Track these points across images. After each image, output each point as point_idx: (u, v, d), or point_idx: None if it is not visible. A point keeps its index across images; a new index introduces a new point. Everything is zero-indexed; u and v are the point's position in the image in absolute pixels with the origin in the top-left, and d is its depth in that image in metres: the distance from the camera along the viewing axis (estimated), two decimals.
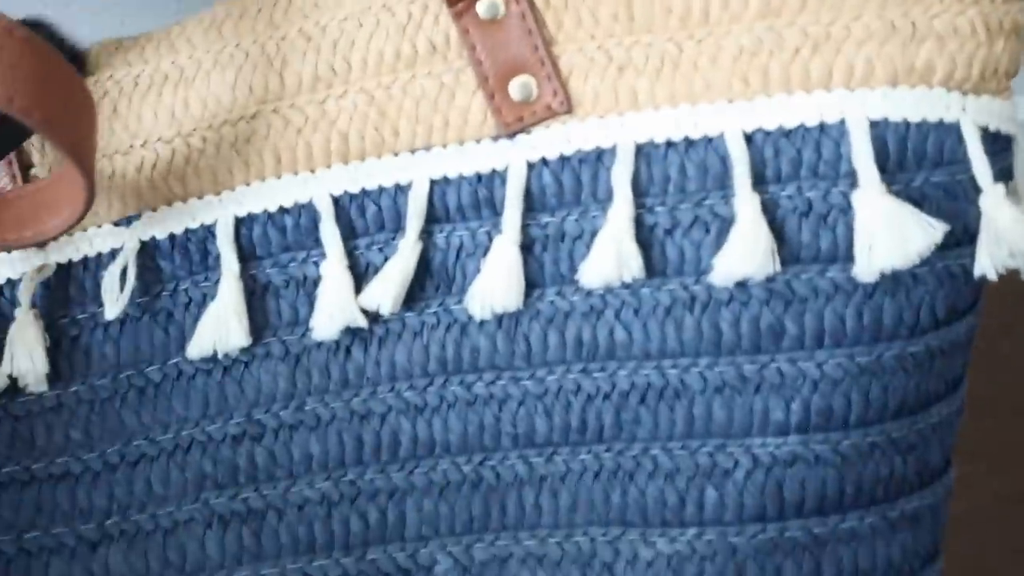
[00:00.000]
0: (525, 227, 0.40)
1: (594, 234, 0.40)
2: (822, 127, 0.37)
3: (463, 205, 0.40)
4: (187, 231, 0.42)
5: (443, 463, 0.42)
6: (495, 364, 0.41)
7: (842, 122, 0.37)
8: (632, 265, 0.39)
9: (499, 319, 0.41)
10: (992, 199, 0.37)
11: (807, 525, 0.39)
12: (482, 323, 0.41)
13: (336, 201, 0.41)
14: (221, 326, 0.42)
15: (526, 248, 0.40)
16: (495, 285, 0.40)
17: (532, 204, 0.40)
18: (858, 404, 0.38)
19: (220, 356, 0.42)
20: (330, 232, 0.41)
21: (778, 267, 0.38)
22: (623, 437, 0.40)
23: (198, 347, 0.42)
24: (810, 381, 0.38)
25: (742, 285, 0.38)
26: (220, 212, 0.42)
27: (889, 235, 0.36)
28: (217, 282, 0.42)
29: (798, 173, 0.38)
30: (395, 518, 0.42)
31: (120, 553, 0.43)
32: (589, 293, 0.40)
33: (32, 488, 0.43)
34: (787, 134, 0.38)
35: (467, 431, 0.41)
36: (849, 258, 0.37)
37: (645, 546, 0.41)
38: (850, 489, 0.39)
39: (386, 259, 0.41)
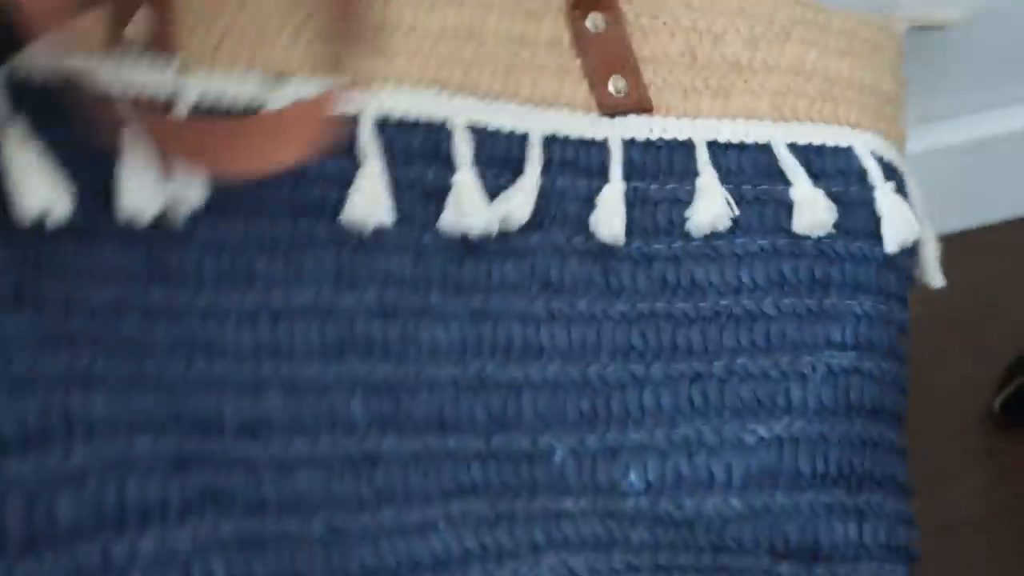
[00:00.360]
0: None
1: (672, 200, 0.48)
2: (835, 148, 0.51)
3: (567, 160, 0.47)
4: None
5: (552, 366, 0.44)
6: (591, 290, 0.46)
7: (849, 147, 0.51)
8: (725, 215, 0.48)
9: (594, 255, 0.46)
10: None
11: (869, 426, 0.47)
12: (580, 256, 0.46)
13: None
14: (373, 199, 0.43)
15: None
16: (610, 217, 0.46)
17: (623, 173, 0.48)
18: (887, 338, 0.48)
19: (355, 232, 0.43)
20: (463, 144, 0.45)
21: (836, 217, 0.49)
22: (710, 351, 0.46)
23: (348, 213, 0.43)
24: (855, 315, 0.48)
25: (796, 241, 0.48)
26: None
27: (900, 219, 0.50)
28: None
29: (825, 172, 0.50)
30: (514, 410, 0.43)
31: (279, 398, 0.40)
32: (670, 245, 0.47)
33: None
34: (815, 149, 0.51)
35: (571, 341, 0.45)
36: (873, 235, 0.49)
37: (747, 433, 0.45)
38: (890, 403, 0.48)
39: (500, 188, 0.46)
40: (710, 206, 0.48)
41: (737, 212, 0.48)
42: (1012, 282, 0.75)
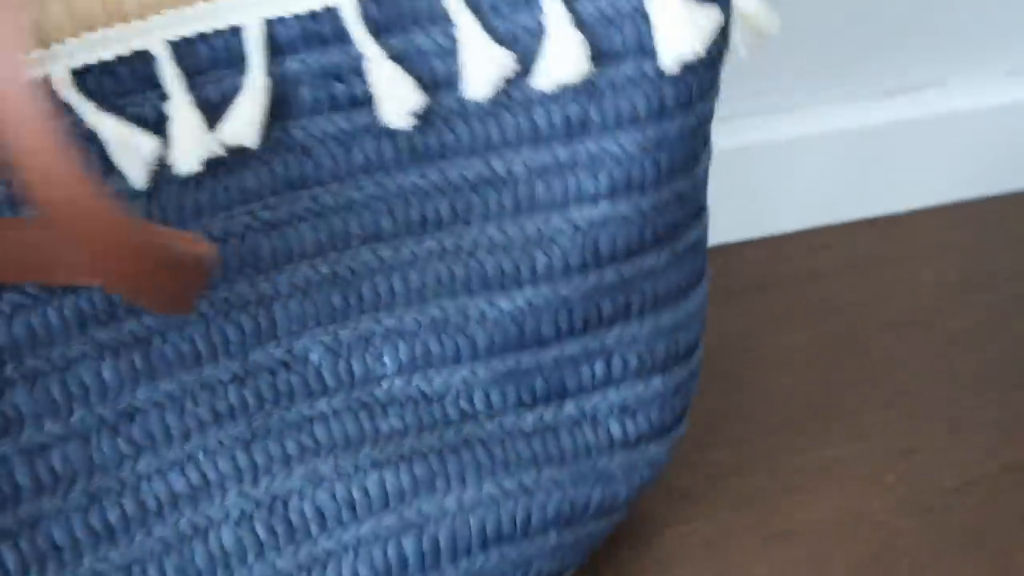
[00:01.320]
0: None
1: (419, 54, 0.47)
2: None
3: (294, 39, 0.46)
4: None
5: (302, 267, 0.47)
6: (337, 176, 0.47)
7: None
8: (507, 64, 0.47)
9: (339, 139, 0.47)
10: None
11: (619, 269, 0.50)
12: (322, 141, 0.47)
13: (171, 45, 0.45)
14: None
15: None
16: (394, 95, 0.46)
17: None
18: (651, 171, 0.49)
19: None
20: (171, 72, 0.45)
21: (590, 67, 0.48)
22: (459, 222, 0.49)
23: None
24: (614, 158, 0.49)
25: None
26: (52, 66, 0.44)
27: (686, 28, 0.48)
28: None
29: None
30: (267, 322, 0.47)
31: (24, 389, 0.44)
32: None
33: None
34: None
35: (319, 238, 0.47)
36: (642, 52, 0.48)
37: (490, 307, 0.49)
38: (649, 236, 0.50)
39: (223, 95, 0.46)
40: (481, 56, 0.46)
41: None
42: None
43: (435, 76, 0.47)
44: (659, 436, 0.53)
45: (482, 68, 0.47)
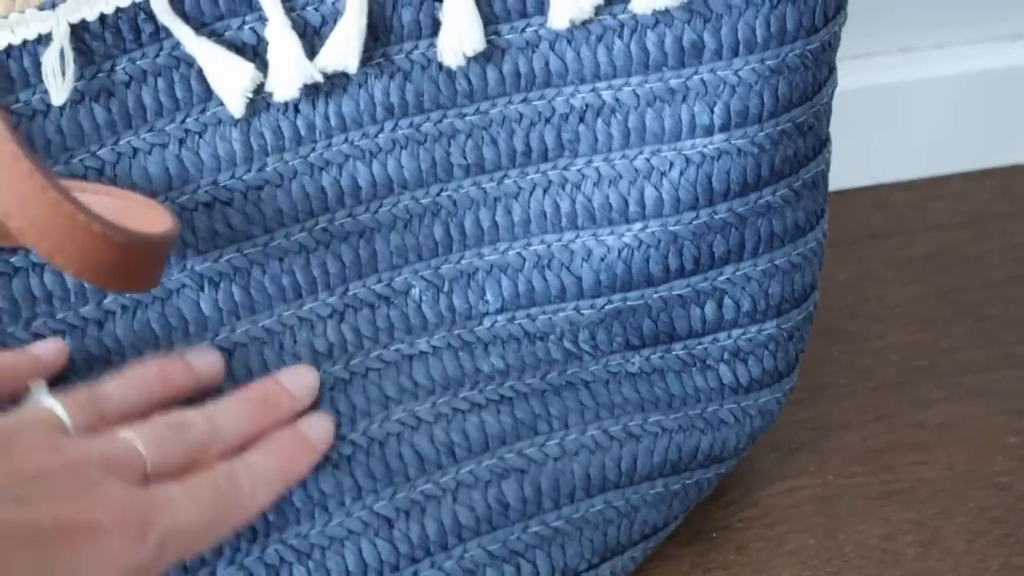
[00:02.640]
0: None
1: None
2: None
3: None
4: (118, 9, 0.43)
5: (403, 199, 0.45)
6: (439, 103, 0.45)
7: None
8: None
9: (438, 64, 0.45)
10: None
11: (732, 206, 0.47)
12: (423, 67, 0.45)
13: None
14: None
15: None
16: (460, 31, 0.45)
17: None
18: (769, 100, 0.46)
19: (169, 128, 0.43)
20: None
21: None
22: (566, 154, 0.46)
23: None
24: (729, 86, 0.46)
25: (664, 10, 0.46)
26: None
27: None
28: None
29: None
30: (367, 254, 0.45)
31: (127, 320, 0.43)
32: (523, 29, 0.46)
33: None
34: None
35: (420, 167, 0.45)
36: None
37: (597, 243, 0.47)
38: (765, 171, 0.47)
39: (323, 18, 0.44)
40: None
41: None
42: None
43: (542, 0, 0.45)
44: (772, 383, 0.50)
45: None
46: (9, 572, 0.32)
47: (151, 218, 0.40)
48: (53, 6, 0.42)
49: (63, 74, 0.42)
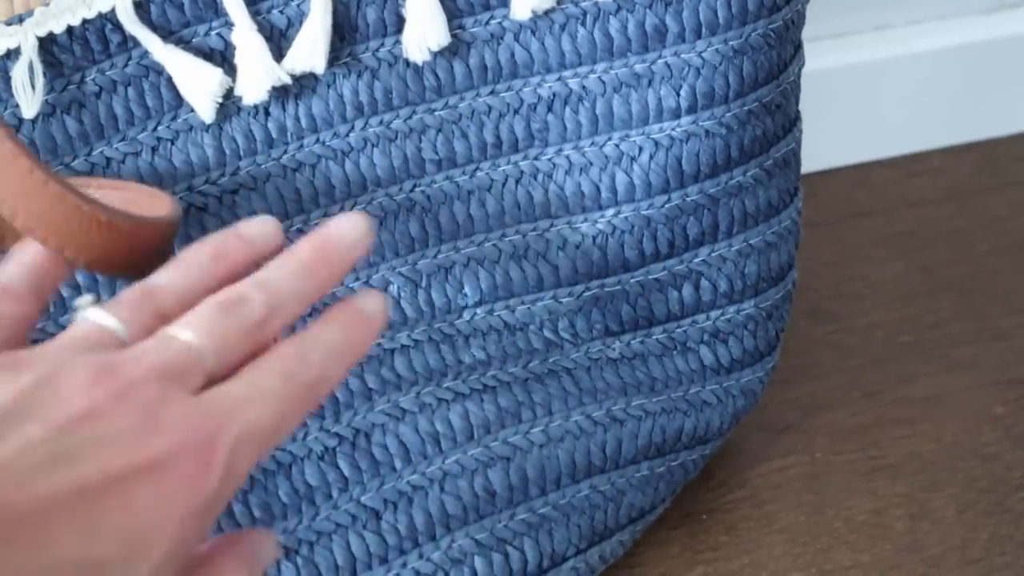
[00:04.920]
0: None
1: None
2: None
3: None
4: (84, 21, 0.43)
5: (377, 196, 0.46)
6: (408, 100, 0.46)
7: None
8: None
9: (404, 61, 0.46)
10: None
11: (703, 188, 0.48)
12: (391, 65, 0.45)
13: None
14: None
15: None
16: (424, 27, 0.45)
17: None
18: (735, 81, 0.47)
19: (141, 136, 0.44)
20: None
21: None
22: (536, 144, 0.47)
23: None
24: (693, 69, 0.47)
25: None
26: None
27: None
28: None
29: None
30: None
31: None
32: (487, 22, 0.46)
33: None
34: None
35: (392, 164, 0.46)
36: None
37: (571, 231, 0.47)
38: (735, 152, 0.48)
39: (288, 20, 0.45)
40: None
41: None
42: None
43: None
44: (753, 362, 0.51)
45: None
46: (55, 547, 0.29)
47: (153, 205, 0.40)
48: (20, 20, 0.43)
49: (33, 87, 0.42)
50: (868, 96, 0.70)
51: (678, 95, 0.46)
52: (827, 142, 0.68)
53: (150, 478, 0.31)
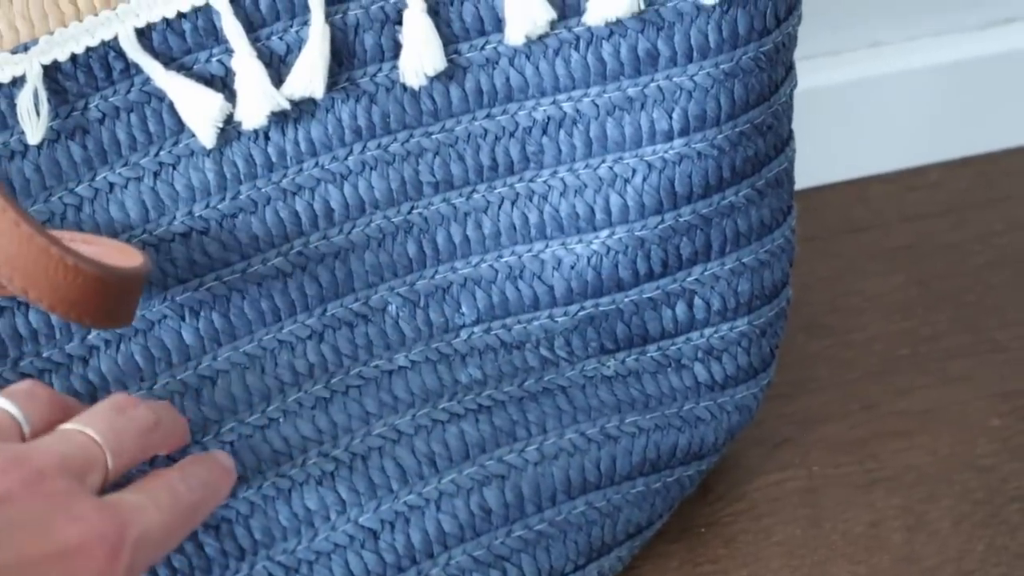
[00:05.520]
0: None
1: None
2: None
3: None
4: (88, 49, 0.44)
5: (375, 218, 0.47)
6: (405, 123, 0.47)
7: None
8: (541, 14, 0.46)
9: (402, 85, 0.47)
10: None
11: (695, 208, 0.48)
12: (388, 89, 0.46)
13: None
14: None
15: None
16: (420, 52, 0.46)
17: None
18: (726, 103, 0.47)
19: (143, 161, 0.44)
20: (233, 26, 0.45)
21: (642, 4, 0.46)
22: (531, 166, 0.48)
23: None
24: (685, 92, 0.47)
25: (617, 20, 0.47)
26: (119, 26, 0.44)
27: None
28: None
29: None
30: (343, 275, 0.46)
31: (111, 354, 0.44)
32: (483, 47, 0.47)
33: None
34: None
35: (390, 187, 0.47)
36: None
37: (566, 252, 0.48)
38: (727, 172, 0.48)
39: (287, 46, 0.46)
40: (518, 10, 0.46)
41: None
42: None
43: (498, 17, 0.46)
44: (747, 379, 0.51)
45: (517, 14, 0.46)
46: None
47: (123, 259, 0.41)
48: (25, 48, 0.44)
49: (38, 114, 0.43)
50: (864, 112, 0.71)
51: (670, 118, 0.47)
52: (824, 158, 0.69)
53: (62, 564, 0.32)
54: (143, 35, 0.44)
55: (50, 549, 0.32)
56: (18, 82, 0.43)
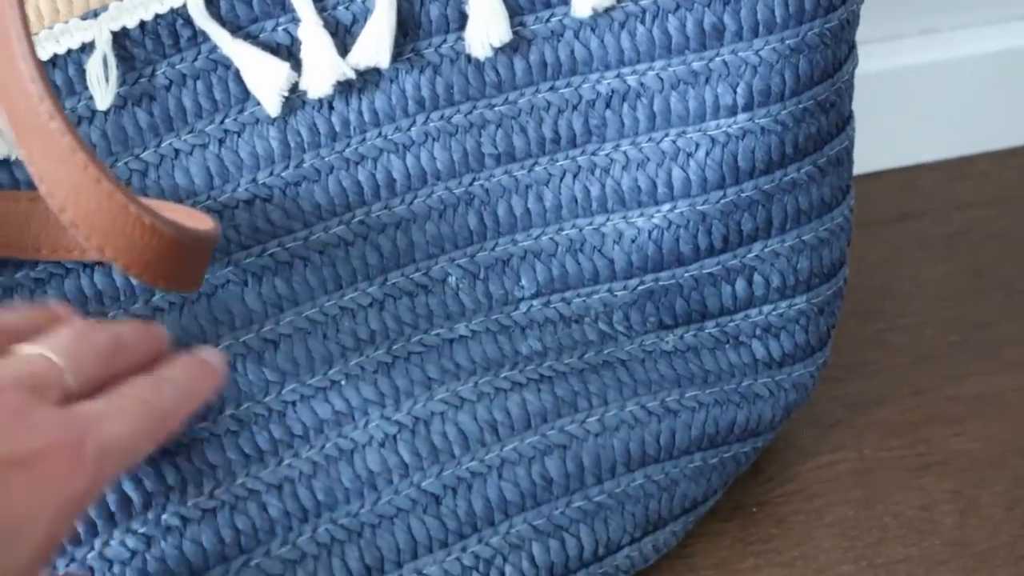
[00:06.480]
0: None
1: None
2: None
3: None
4: (156, 16, 0.44)
5: (437, 189, 0.47)
6: (469, 95, 0.47)
7: None
8: None
9: (467, 56, 0.47)
10: None
11: (758, 184, 0.48)
12: (452, 60, 0.46)
13: None
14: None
15: None
16: (486, 24, 0.46)
17: None
18: (791, 79, 0.48)
19: (208, 129, 0.45)
20: None
21: None
22: (594, 140, 0.48)
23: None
24: (750, 67, 0.47)
25: None
26: None
27: None
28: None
29: None
30: (405, 244, 0.46)
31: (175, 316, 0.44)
32: (548, 19, 0.47)
33: None
34: None
35: (452, 158, 0.47)
36: None
37: (627, 225, 0.48)
38: (789, 149, 0.48)
39: (353, 16, 0.46)
40: None
41: None
42: None
43: None
44: (804, 357, 0.51)
45: None
46: None
47: (194, 223, 0.41)
48: (95, 15, 0.44)
49: (107, 80, 0.44)
50: (915, 100, 0.71)
51: (735, 92, 0.47)
52: (874, 145, 0.68)
53: (25, 470, 0.33)
54: (211, 3, 0.44)
55: (12, 454, 0.33)
56: (87, 48, 0.44)
